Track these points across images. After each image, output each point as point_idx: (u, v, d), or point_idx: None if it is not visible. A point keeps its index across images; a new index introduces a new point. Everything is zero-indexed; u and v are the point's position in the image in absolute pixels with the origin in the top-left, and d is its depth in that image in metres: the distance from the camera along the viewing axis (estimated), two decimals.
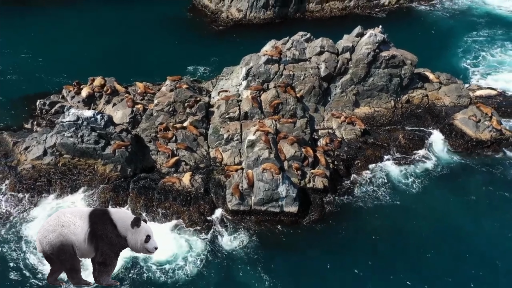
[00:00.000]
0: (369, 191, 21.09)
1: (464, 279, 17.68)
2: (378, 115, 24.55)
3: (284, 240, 18.88)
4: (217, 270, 17.42)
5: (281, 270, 17.67)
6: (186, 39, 31.40)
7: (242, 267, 17.68)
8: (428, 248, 18.69)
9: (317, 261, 17.98)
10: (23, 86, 26.30)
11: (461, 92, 25.56)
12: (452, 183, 21.90)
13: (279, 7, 34.26)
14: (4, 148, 21.81)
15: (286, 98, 22.63)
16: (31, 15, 32.58)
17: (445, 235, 19.55)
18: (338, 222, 19.68)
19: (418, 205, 20.61)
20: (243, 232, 18.91)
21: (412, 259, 18.42)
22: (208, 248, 18.25)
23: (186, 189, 19.99)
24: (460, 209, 20.61)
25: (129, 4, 34.54)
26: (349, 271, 17.74)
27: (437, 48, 31.46)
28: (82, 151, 20.09)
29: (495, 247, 18.96)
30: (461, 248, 18.78)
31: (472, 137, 23.53)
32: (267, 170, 19.09)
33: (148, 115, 22.73)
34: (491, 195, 21.43)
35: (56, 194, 19.72)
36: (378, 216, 20.09)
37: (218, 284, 17.05)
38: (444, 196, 21.27)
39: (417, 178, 21.87)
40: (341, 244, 18.87)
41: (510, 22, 35.94)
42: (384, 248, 18.70)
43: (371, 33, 24.04)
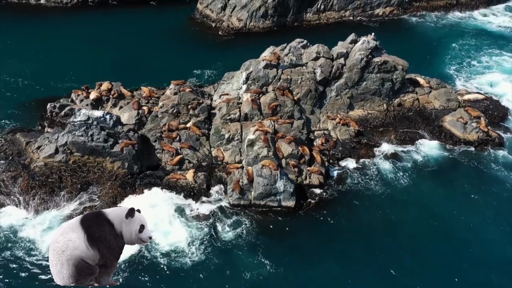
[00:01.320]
0: (362, 186, 22.31)
1: (447, 261, 18.90)
2: (371, 117, 25.86)
3: (282, 229, 20.03)
4: (219, 257, 18.49)
5: (279, 256, 18.72)
6: (189, 47, 32.92)
7: (242, 254, 18.72)
8: (416, 235, 20.01)
9: (313, 247, 19.16)
10: (34, 91, 27.64)
11: (450, 96, 26.93)
12: (439, 178, 23.17)
13: (278, 17, 35.85)
14: (17, 147, 23.04)
15: (284, 101, 23.98)
16: (43, 25, 34.19)
17: (432, 223, 20.78)
18: (333, 212, 20.84)
19: (407, 198, 21.86)
20: (243, 223, 20.04)
21: (402, 245, 19.61)
22: (210, 237, 19.35)
23: (190, 185, 21.20)
24: (445, 201, 21.90)
25: (134, 14, 36.16)
26: (343, 256, 18.91)
27: (427, 55, 32.97)
28: (92, 149, 21.34)
29: (478, 234, 20.25)
30: (446, 234, 20.08)
31: (460, 138, 24.84)
32: (266, 166, 20.34)
33: (153, 117, 24.04)
34: (475, 188, 22.69)
35: (67, 190, 20.92)
36: (370, 208, 21.28)
37: (220, 269, 18.11)
38: (432, 189, 22.55)
39: (407, 174, 23.10)
40: (335, 232, 20.02)
41: (496, 34, 37.54)
42: (376, 235, 19.90)
43: (364, 40, 25.49)
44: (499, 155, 24.57)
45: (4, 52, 30.37)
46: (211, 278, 17.73)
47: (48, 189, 20.77)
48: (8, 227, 19.17)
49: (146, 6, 38.19)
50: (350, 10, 38.22)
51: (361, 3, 38.43)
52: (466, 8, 40.74)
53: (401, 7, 39.27)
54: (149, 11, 36.50)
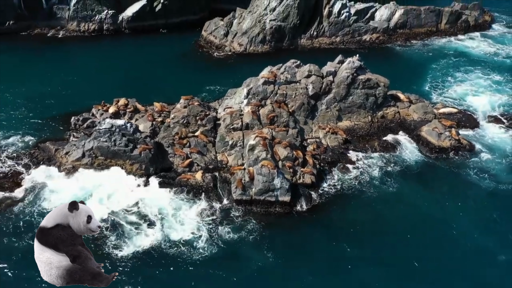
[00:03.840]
0: (350, 186, 25.52)
1: (427, 252, 21.71)
2: (358, 127, 29.33)
3: (280, 224, 23.11)
4: (223, 247, 21.49)
5: (278, 247, 21.73)
6: (195, 68, 36.76)
7: (246, 244, 21.78)
8: (399, 230, 22.86)
9: (308, 238, 22.15)
10: (59, 107, 31.23)
11: (427, 109, 30.50)
12: (418, 179, 26.32)
13: (275, 42, 39.85)
14: (47, 154, 26.38)
15: (280, 112, 27.49)
16: (64, 51, 38.38)
17: (414, 219, 23.77)
18: (324, 209, 23.96)
19: (389, 196, 24.91)
20: (245, 218, 23.15)
21: (384, 238, 22.55)
22: (215, 231, 22.37)
23: (199, 184, 24.42)
24: (424, 199, 24.93)
25: (145, 40, 40.22)
26: (333, 246, 21.89)
27: (410, 75, 36.81)
28: (114, 153, 24.67)
29: (456, 227, 23.07)
30: (426, 228, 22.91)
31: (435, 145, 28.21)
32: (265, 166, 23.63)
33: (166, 127, 27.48)
34: (450, 188, 25.83)
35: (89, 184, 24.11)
36: (356, 205, 24.36)
37: (225, 258, 21.03)
38: (411, 189, 25.66)
39: (389, 176, 26.29)
40: (325, 226, 23.09)
41: (474, 56, 41.57)
42: (361, 227, 22.90)
43: (350, 60, 29.26)
44: (469, 159, 27.87)
45: (32, 76, 34.21)
46: (216, 268, 20.25)
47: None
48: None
49: (156, 33, 42.37)
50: (340, 36, 42.29)
51: (350, 30, 42.53)
52: (445, 34, 44.90)
53: (386, 34, 43.38)
54: (159, 38, 40.57)
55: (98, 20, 43.10)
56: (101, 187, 24.20)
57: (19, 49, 37.71)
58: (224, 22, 41.78)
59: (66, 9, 42.56)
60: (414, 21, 44.14)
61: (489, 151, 28.67)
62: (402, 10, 43.96)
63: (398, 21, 43.68)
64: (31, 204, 23.28)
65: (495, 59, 41.06)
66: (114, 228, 21.96)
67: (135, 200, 23.71)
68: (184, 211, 23.48)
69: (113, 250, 20.94)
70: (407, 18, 43.95)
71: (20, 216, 22.39)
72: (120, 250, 20.95)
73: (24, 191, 23.98)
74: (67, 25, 42.68)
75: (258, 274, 20.36)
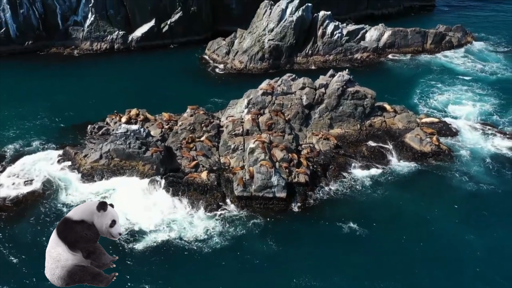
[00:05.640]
0: (339, 186, 28.38)
1: (410, 245, 24.17)
2: (348, 134, 32.34)
3: (277, 217, 25.87)
4: (226, 237, 24.24)
5: (276, 237, 24.45)
6: (199, 83, 40.08)
7: (247, 235, 24.48)
8: (383, 227, 25.47)
9: (302, 230, 24.90)
10: (76, 117, 34.34)
11: (410, 119, 33.60)
12: (402, 181, 29.14)
13: (273, 60, 43.30)
14: (68, 157, 29.33)
15: (277, 120, 30.56)
16: (79, 68, 41.81)
17: (398, 218, 26.42)
18: (316, 205, 26.75)
19: (375, 195, 27.75)
20: (246, 212, 25.93)
21: (368, 233, 25.15)
22: (220, 223, 25.17)
23: (204, 183, 27.27)
24: (407, 199, 27.72)
25: (153, 56, 43.70)
26: (323, 236, 24.65)
27: (397, 88, 40.10)
28: (129, 155, 27.60)
29: (436, 223, 25.70)
30: (410, 226, 25.52)
31: (417, 150, 31.17)
32: (263, 165, 26.54)
33: (174, 133, 30.50)
34: (432, 188, 28.68)
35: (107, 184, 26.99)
36: (345, 202, 27.21)
37: (228, 247, 23.68)
38: (396, 189, 28.47)
39: (375, 177, 29.18)
40: (317, 219, 25.84)
41: (457, 71, 44.96)
42: (348, 220, 25.65)
43: (340, 74, 32.53)
44: (448, 163, 30.77)
45: (52, 90, 37.59)
46: (219, 256, 22.87)
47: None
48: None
49: (163, 49, 45.93)
50: (333, 54, 45.77)
51: (342, 49, 46.06)
52: (431, 53, 48.45)
53: (376, 53, 46.90)
54: (166, 54, 44.14)
55: (109, 40, 46.69)
56: (116, 188, 27.01)
57: (39, 66, 41.19)
58: (226, 42, 45.36)
59: (80, 30, 46.22)
60: (402, 41, 47.74)
61: (467, 156, 31.59)
62: (390, 31, 47.60)
63: (386, 41, 47.25)
64: (51, 201, 26.09)
65: (477, 74, 44.46)
66: (127, 226, 24.43)
67: (146, 200, 26.45)
68: (191, 206, 26.29)
69: (125, 244, 23.47)
70: (395, 38, 47.56)
71: (42, 213, 25.16)
72: (132, 244, 23.45)
73: (45, 189, 26.82)
74: (81, 44, 46.25)
75: (259, 260, 23.00)
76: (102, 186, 26.88)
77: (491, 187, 29.04)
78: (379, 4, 61.14)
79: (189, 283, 21.96)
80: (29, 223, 24.67)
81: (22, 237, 23.60)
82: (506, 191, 28.89)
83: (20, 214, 25.32)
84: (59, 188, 27.07)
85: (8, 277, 21.32)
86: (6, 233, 23.86)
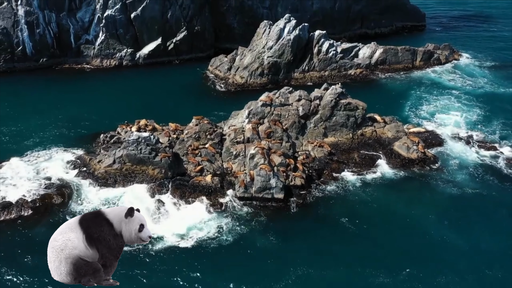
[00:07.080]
0: (333, 189, 30.88)
1: (398, 244, 26.47)
2: (341, 142, 34.99)
3: (275, 216, 28.30)
4: (230, 234, 26.63)
5: (275, 234, 26.81)
6: (203, 97, 42.95)
7: (249, 232, 26.85)
8: (372, 224, 27.83)
9: (298, 229, 27.27)
10: (89, 127, 37.06)
11: (399, 129, 36.30)
12: (391, 185, 31.56)
13: (272, 75, 46.28)
14: (83, 162, 31.91)
15: (276, 129, 33.26)
16: (90, 82, 44.77)
17: (386, 217, 28.79)
18: (311, 206, 29.21)
19: (366, 198, 30.11)
20: (247, 211, 28.38)
21: (359, 229, 27.55)
22: (223, 222, 27.58)
23: (208, 185, 29.79)
24: (396, 201, 30.02)
25: (159, 71, 46.76)
26: (318, 234, 27.02)
27: (388, 100, 42.94)
28: (140, 160, 30.18)
29: (423, 226, 27.80)
30: (398, 224, 27.85)
31: (405, 157, 33.76)
32: (263, 168, 29.11)
33: (181, 141, 33.14)
34: (419, 191, 31.09)
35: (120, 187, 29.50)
36: (338, 203, 29.63)
37: (233, 243, 26.03)
38: (385, 193, 30.86)
39: (366, 182, 31.69)
40: (313, 219, 28.24)
41: (446, 86, 47.87)
42: (341, 219, 28.09)
43: (333, 87, 35.37)
44: (433, 170, 33.30)
45: (66, 103, 40.43)
46: (224, 252, 25.13)
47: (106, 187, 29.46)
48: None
49: (169, 65, 49.03)
50: (328, 70, 48.78)
51: (337, 65, 49.10)
52: (421, 69, 51.52)
53: (369, 69, 49.95)
54: (171, 70, 47.22)
55: (118, 57, 49.83)
56: (125, 193, 29.44)
57: (54, 81, 44.15)
58: (227, 59, 48.45)
59: (91, 48, 49.41)
60: (393, 58, 50.84)
61: (451, 163, 34.14)
62: (382, 49, 50.76)
63: (378, 58, 50.35)
64: (67, 205, 28.46)
65: (464, 88, 47.41)
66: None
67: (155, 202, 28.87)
68: (196, 207, 28.75)
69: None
70: (386, 56, 50.68)
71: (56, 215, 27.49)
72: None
73: (62, 193, 29.21)
74: (92, 61, 49.37)
75: (261, 253, 25.33)
76: (115, 190, 29.36)
77: (473, 191, 31.46)
78: (372, 24, 64.71)
79: (202, 274, 24.19)
80: (45, 226, 26.84)
81: (39, 239, 25.66)
82: (488, 195, 31.31)
83: (36, 218, 27.43)
84: (74, 191, 29.53)
85: (21, 281, 23.42)
86: (24, 236, 25.88)
